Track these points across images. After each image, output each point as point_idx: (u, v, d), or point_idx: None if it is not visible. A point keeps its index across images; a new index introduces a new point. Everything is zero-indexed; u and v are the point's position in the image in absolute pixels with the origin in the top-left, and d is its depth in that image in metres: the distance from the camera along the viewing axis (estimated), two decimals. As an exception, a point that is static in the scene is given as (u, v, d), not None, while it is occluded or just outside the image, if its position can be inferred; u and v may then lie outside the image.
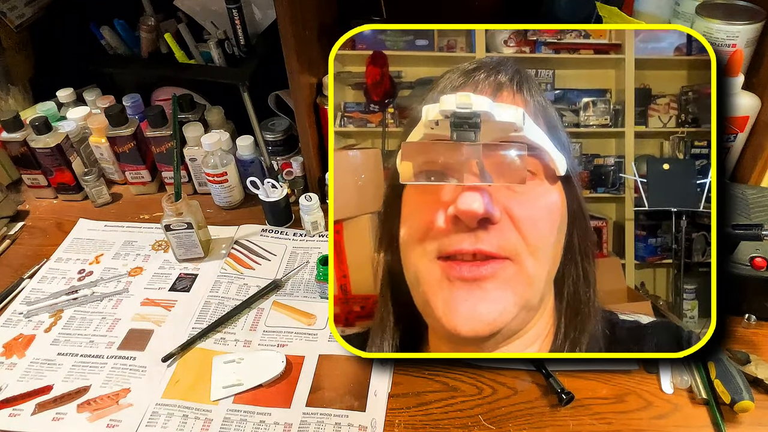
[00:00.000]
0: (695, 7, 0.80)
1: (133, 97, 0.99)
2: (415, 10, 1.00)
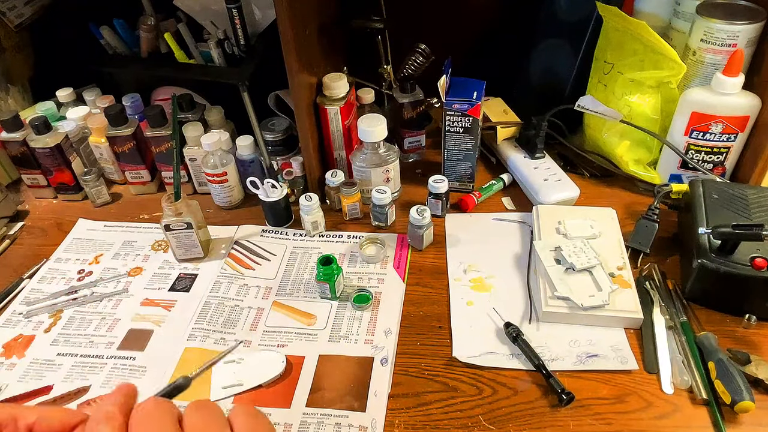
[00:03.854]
0: (695, 6, 0.80)
1: (132, 97, 0.99)
2: (415, 10, 1.00)
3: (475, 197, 0.91)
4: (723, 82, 0.78)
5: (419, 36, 0.95)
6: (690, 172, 0.87)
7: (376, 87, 0.98)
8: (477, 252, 0.82)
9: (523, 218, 0.88)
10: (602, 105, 0.89)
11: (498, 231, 0.86)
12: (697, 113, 0.81)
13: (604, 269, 0.72)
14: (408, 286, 0.78)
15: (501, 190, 0.95)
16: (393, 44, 0.95)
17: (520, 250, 0.82)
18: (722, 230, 0.67)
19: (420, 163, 1.03)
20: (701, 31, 0.80)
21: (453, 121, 0.86)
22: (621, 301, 0.69)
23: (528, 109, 0.97)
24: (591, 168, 0.96)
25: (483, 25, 1.05)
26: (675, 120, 0.85)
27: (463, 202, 0.90)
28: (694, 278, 0.70)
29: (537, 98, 1.00)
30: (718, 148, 0.83)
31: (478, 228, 0.87)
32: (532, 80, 1.03)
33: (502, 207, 0.91)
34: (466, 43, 1.03)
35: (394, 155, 0.89)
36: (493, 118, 0.97)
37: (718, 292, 0.70)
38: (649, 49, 0.82)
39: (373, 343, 0.70)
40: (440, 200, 0.87)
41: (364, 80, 0.97)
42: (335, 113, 0.87)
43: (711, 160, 0.85)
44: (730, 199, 0.75)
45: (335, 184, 0.89)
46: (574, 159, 0.98)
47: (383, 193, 0.84)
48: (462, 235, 0.85)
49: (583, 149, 0.97)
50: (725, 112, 0.80)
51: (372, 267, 0.81)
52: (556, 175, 0.91)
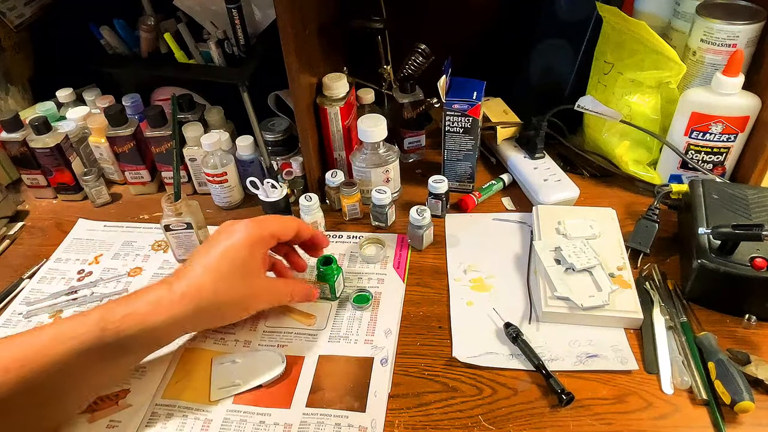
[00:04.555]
0: (695, 6, 0.80)
1: (132, 97, 0.99)
2: (415, 10, 1.00)
3: (475, 197, 0.91)
4: (723, 82, 0.78)
5: (419, 36, 0.95)
6: (690, 172, 0.87)
7: (376, 87, 0.98)
8: (477, 252, 0.82)
9: (523, 218, 0.88)
10: (602, 105, 0.89)
11: (498, 231, 0.86)
12: (697, 113, 0.81)
13: (604, 269, 0.72)
14: (408, 287, 0.78)
15: (501, 190, 0.95)
16: (393, 44, 0.95)
17: (520, 251, 0.82)
18: (722, 230, 0.67)
19: (420, 163, 1.03)
20: (701, 31, 0.80)
21: (453, 121, 0.86)
22: (621, 301, 0.69)
23: (528, 109, 0.97)
24: (591, 168, 0.96)
25: (483, 25, 1.05)
26: (675, 120, 0.85)
27: (463, 203, 0.90)
28: (694, 278, 0.70)
29: (537, 98, 1.00)
30: (718, 149, 0.83)
31: (478, 228, 0.87)
32: (532, 80, 1.03)
33: (502, 207, 0.91)
34: (466, 43, 1.03)
35: (394, 155, 0.89)
36: (493, 118, 0.97)
37: (718, 292, 0.70)
38: (649, 49, 0.82)
39: (373, 343, 0.70)
40: (440, 200, 0.87)
41: (364, 80, 0.97)
42: (335, 113, 0.87)
43: (711, 160, 0.85)
44: (730, 199, 0.75)
45: (335, 184, 0.89)
46: (574, 159, 0.98)
47: (383, 193, 0.84)
48: (462, 236, 0.85)
49: (583, 149, 0.97)
50: (725, 112, 0.80)
51: (372, 267, 0.81)
52: (556, 175, 0.91)
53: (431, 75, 0.89)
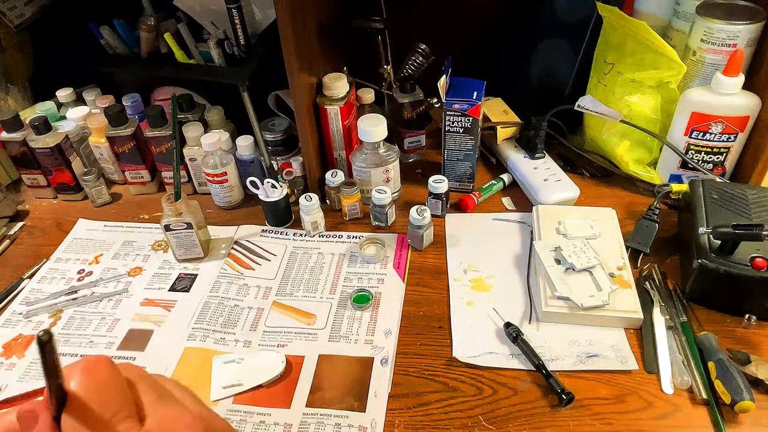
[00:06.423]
0: (696, 6, 0.80)
1: (132, 97, 0.99)
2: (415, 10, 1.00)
3: (475, 197, 0.91)
4: (723, 82, 0.78)
5: (419, 36, 0.95)
6: (690, 172, 0.87)
7: (376, 87, 0.98)
8: (477, 252, 0.82)
9: (523, 218, 0.88)
10: (602, 105, 0.89)
11: (498, 231, 0.86)
12: (697, 113, 0.81)
13: (604, 269, 0.72)
14: (408, 286, 0.78)
15: (501, 190, 0.95)
16: (393, 44, 0.95)
17: (520, 250, 0.82)
18: (722, 230, 0.67)
19: (420, 163, 1.03)
20: (701, 31, 0.80)
21: (453, 121, 0.86)
22: (621, 301, 0.69)
23: (528, 109, 0.97)
24: (591, 168, 0.96)
25: (483, 25, 1.05)
26: (675, 120, 0.85)
27: (463, 202, 0.90)
28: (694, 278, 0.70)
29: (537, 98, 1.00)
30: (718, 148, 0.83)
31: (478, 228, 0.87)
32: (532, 80, 1.03)
33: (502, 207, 0.91)
34: (466, 43, 1.03)
35: (394, 155, 0.89)
36: (493, 118, 0.97)
37: (718, 292, 0.70)
38: (649, 49, 0.82)
39: (373, 343, 0.70)
40: (440, 200, 0.87)
41: (364, 80, 0.97)
42: (335, 113, 0.87)
43: (711, 160, 0.85)
44: (730, 199, 0.75)
45: (335, 184, 0.89)
46: (574, 159, 0.98)
47: (383, 193, 0.84)
48: (462, 235, 0.85)
49: (583, 149, 0.97)
50: (725, 112, 0.80)
51: (372, 267, 0.81)
52: (556, 175, 0.91)
53: (431, 75, 0.89)
